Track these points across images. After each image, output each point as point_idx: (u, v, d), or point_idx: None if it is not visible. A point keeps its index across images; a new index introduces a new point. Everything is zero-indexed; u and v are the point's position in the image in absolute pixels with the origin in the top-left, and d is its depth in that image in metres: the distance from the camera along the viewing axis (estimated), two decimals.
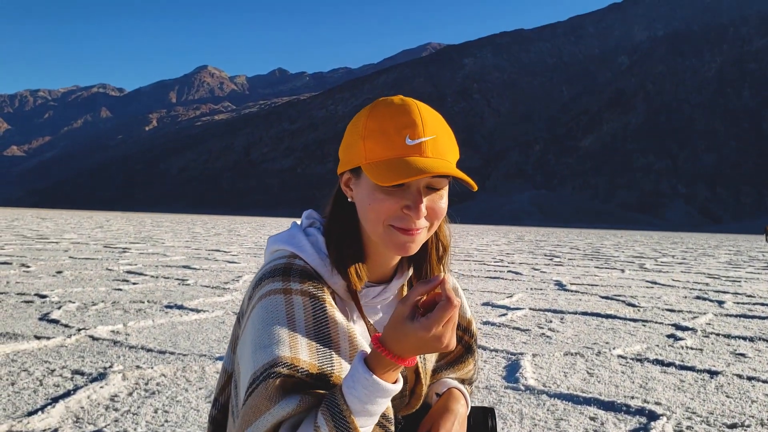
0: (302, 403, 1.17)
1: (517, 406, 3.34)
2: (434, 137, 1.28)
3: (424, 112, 1.30)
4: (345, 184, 1.37)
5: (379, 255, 1.40)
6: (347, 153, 1.34)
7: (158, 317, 5.58)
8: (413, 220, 1.28)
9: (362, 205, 1.32)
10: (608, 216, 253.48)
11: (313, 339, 1.24)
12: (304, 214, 1.49)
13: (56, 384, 3.45)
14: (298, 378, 1.19)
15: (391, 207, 1.27)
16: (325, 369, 1.22)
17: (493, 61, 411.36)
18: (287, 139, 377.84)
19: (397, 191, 1.27)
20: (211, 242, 19.09)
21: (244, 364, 1.25)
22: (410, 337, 1.15)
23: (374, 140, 1.27)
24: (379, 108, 1.31)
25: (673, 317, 6.68)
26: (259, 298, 1.29)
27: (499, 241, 30.34)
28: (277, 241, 1.43)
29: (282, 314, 1.25)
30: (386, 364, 1.17)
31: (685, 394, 3.66)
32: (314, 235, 1.39)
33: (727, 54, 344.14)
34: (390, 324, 1.19)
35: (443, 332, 1.15)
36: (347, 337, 1.29)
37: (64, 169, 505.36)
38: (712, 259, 19.43)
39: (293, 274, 1.30)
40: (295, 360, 1.19)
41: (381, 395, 1.18)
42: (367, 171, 1.26)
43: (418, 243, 1.32)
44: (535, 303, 7.50)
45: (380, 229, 1.30)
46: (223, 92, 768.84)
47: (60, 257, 11.53)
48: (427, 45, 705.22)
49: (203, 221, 55.58)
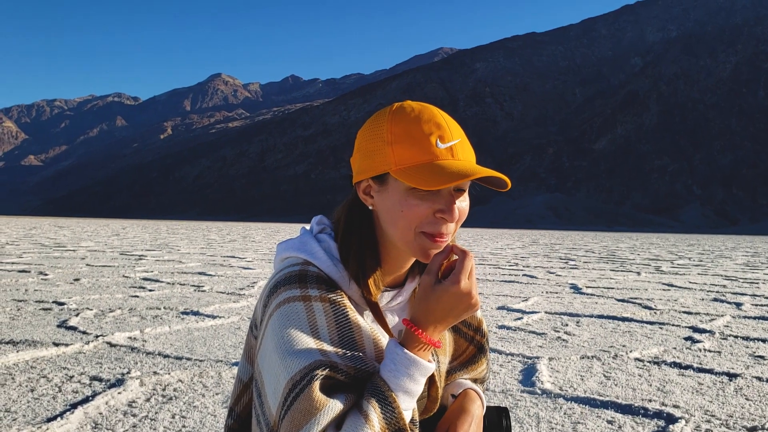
0: (348, 401, 1.19)
1: (533, 410, 3.33)
2: (460, 140, 1.31)
3: (445, 116, 1.32)
4: (364, 192, 1.35)
5: (395, 261, 1.39)
6: (368, 160, 1.32)
7: (175, 323, 5.61)
8: (446, 224, 1.29)
9: (390, 212, 1.31)
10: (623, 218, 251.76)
11: (339, 343, 1.24)
12: (314, 220, 1.47)
13: (75, 390, 3.49)
14: (338, 380, 1.20)
15: (425, 212, 1.27)
16: (361, 369, 1.23)
17: (505, 65, 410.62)
18: (301, 145, 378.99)
19: (429, 196, 1.27)
20: (226, 249, 19.17)
21: (271, 372, 1.23)
22: (442, 300, 1.24)
23: (403, 145, 1.27)
24: (401, 113, 1.31)
25: (691, 320, 6.63)
26: (276, 305, 1.27)
27: (514, 244, 30.23)
28: (288, 248, 1.41)
29: (304, 321, 1.24)
30: (418, 342, 1.24)
31: (704, 397, 3.63)
32: (326, 241, 1.38)
33: (741, 54, 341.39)
34: (419, 297, 1.27)
35: (470, 285, 1.25)
36: (371, 340, 1.29)
37: (81, 178, 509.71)
38: (729, 261, 19.25)
39: (309, 281, 1.29)
40: (332, 362, 1.20)
41: (420, 372, 1.24)
42: (401, 176, 1.25)
43: (441, 248, 1.33)
44: (550, 306, 7.47)
45: (411, 236, 1.29)
46: (237, 100, 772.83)
47: (77, 265, 11.63)
48: (439, 50, 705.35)
49: (218, 228, 55.84)
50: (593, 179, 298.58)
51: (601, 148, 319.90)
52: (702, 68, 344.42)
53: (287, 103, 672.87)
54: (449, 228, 1.31)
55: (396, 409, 1.19)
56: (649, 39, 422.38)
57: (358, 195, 1.37)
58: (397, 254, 1.38)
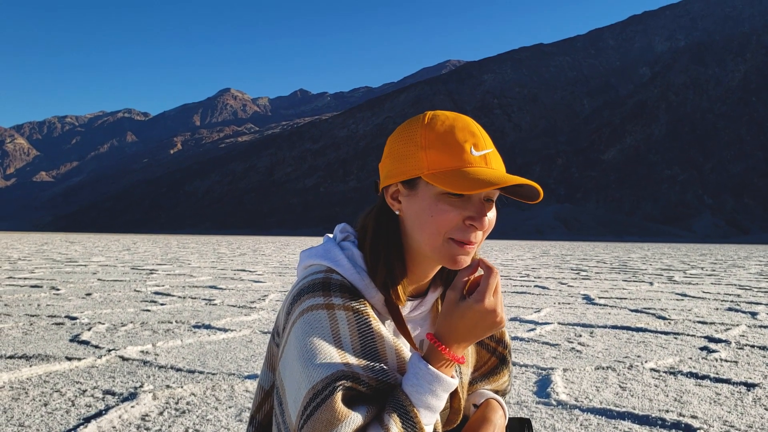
0: (369, 413, 1.18)
1: (549, 421, 3.29)
2: (492, 150, 1.31)
3: (479, 126, 1.33)
4: (392, 196, 1.34)
5: (420, 269, 1.38)
6: (399, 164, 1.31)
7: (186, 337, 5.60)
8: (475, 231, 1.28)
9: (419, 217, 1.29)
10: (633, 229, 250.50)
11: (361, 353, 1.23)
12: (337, 228, 1.46)
13: (88, 404, 3.48)
14: (360, 391, 1.19)
15: (455, 218, 1.27)
16: (383, 381, 1.23)
17: (512, 77, 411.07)
18: (310, 158, 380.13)
19: (459, 202, 1.27)
20: (237, 262, 19.19)
21: (292, 380, 1.22)
22: (466, 317, 1.23)
23: (438, 150, 1.27)
24: (436, 120, 1.31)
25: (706, 329, 6.57)
26: (300, 313, 1.26)
27: (524, 255, 30.12)
28: (311, 255, 1.40)
29: (327, 330, 1.23)
30: (442, 358, 1.24)
31: (722, 407, 3.58)
32: (349, 249, 1.36)
33: (750, 62, 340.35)
34: (443, 313, 1.26)
35: (495, 303, 1.24)
36: (394, 350, 1.28)
37: (92, 194, 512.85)
38: (742, 270, 19.10)
39: (333, 289, 1.28)
40: (355, 373, 1.19)
41: (443, 388, 1.23)
42: (434, 180, 1.24)
43: (470, 257, 1.32)
44: (563, 317, 7.41)
45: (439, 242, 1.28)
46: (246, 114, 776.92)
47: (89, 280, 11.67)
48: (447, 62, 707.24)
49: (228, 242, 55.97)
50: (603, 190, 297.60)
51: (610, 158, 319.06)
52: (711, 77, 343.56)
53: (296, 117, 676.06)
54: (478, 236, 1.30)
55: (417, 425, 1.18)
56: (657, 49, 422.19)
57: (385, 201, 1.36)
58: (422, 261, 1.36)
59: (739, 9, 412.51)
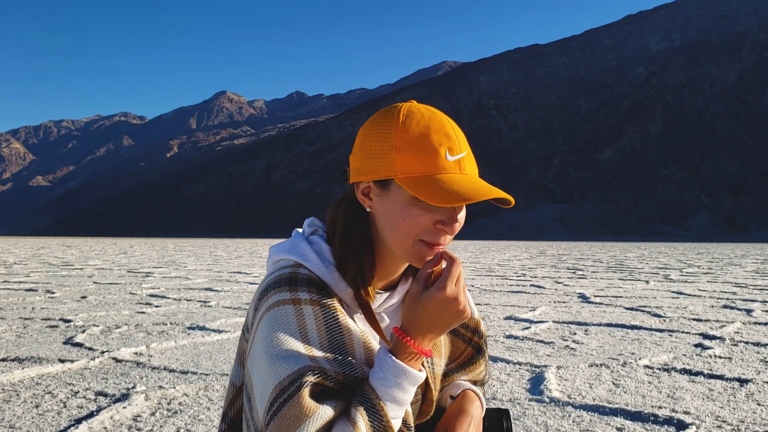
0: (337, 408, 1.18)
1: (542, 418, 3.29)
2: (467, 153, 1.29)
3: (453, 124, 1.30)
4: (363, 193, 1.33)
5: (389, 265, 1.38)
6: (371, 162, 1.29)
7: (181, 338, 5.60)
8: (445, 235, 1.28)
9: (390, 218, 1.28)
10: (631, 228, 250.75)
11: (328, 347, 1.23)
12: (306, 222, 1.46)
13: (80, 405, 3.47)
14: (327, 386, 1.19)
15: (426, 222, 1.26)
16: (350, 375, 1.23)
17: (508, 77, 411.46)
18: (306, 161, 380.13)
19: (432, 207, 1.25)
20: (233, 265, 19.17)
21: (259, 376, 1.22)
22: (429, 306, 1.22)
23: (412, 154, 1.24)
24: (411, 119, 1.28)
25: (700, 326, 6.57)
26: (266, 309, 1.26)
27: (521, 255, 30.13)
28: (279, 250, 1.39)
29: (293, 325, 1.22)
30: (408, 351, 1.23)
31: (715, 403, 3.58)
32: (317, 243, 1.36)
33: (745, 61, 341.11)
34: (407, 305, 1.26)
35: (457, 292, 1.23)
36: (362, 344, 1.28)
37: (88, 198, 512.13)
38: (738, 269, 19.12)
39: (300, 284, 1.27)
40: (321, 368, 1.19)
41: (410, 381, 1.22)
42: (408, 186, 1.23)
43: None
44: (558, 316, 7.42)
45: (409, 244, 1.28)
46: (242, 117, 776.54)
47: (84, 283, 11.65)
48: (443, 63, 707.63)
49: (225, 245, 55.90)
50: (600, 190, 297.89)
51: (606, 158, 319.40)
52: (707, 77, 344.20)
53: (292, 120, 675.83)
54: (447, 238, 1.30)
55: (384, 418, 1.18)
56: (652, 48, 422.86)
57: (356, 196, 1.35)
58: (392, 257, 1.36)
59: (734, 8, 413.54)
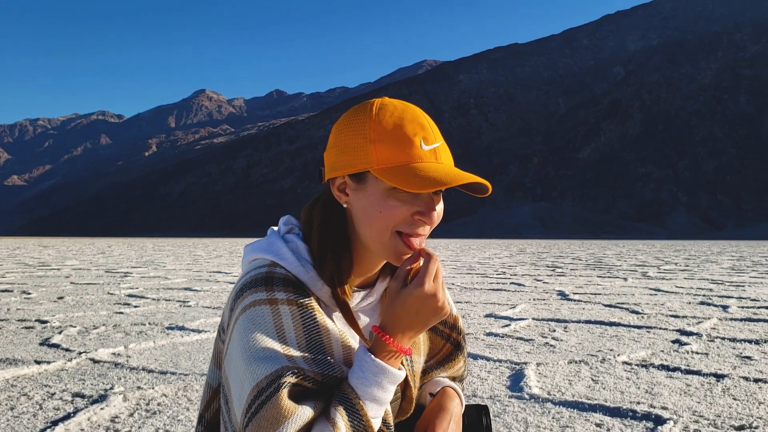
0: (316, 408, 1.17)
1: (521, 414, 3.30)
2: (442, 143, 1.28)
3: (427, 117, 1.30)
4: (339, 189, 1.31)
5: (367, 261, 1.36)
6: (346, 157, 1.28)
7: (159, 339, 5.55)
8: (423, 225, 1.27)
9: (367, 212, 1.27)
10: (609, 227, 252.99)
11: (306, 347, 1.21)
12: (281, 220, 1.44)
13: (56, 407, 3.43)
14: (305, 386, 1.18)
15: (404, 213, 1.25)
16: (328, 375, 1.21)
17: (488, 76, 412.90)
18: (286, 159, 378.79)
19: (409, 197, 1.25)
20: (213, 264, 19.06)
21: (236, 377, 1.20)
22: (408, 303, 1.20)
23: (387, 145, 1.23)
24: (385, 111, 1.27)
25: (678, 323, 6.64)
26: (242, 309, 1.23)
27: (501, 254, 30.27)
28: (255, 249, 1.37)
29: (270, 325, 1.20)
30: (388, 350, 1.22)
31: (692, 398, 3.62)
32: (294, 242, 1.34)
33: (721, 61, 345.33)
34: (386, 303, 1.25)
35: (436, 288, 1.21)
36: (340, 343, 1.26)
37: (65, 197, 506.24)
38: (715, 266, 19.37)
39: (276, 283, 1.25)
40: (299, 369, 1.17)
41: (389, 380, 1.21)
42: (383, 176, 1.22)
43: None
44: (538, 313, 7.46)
45: (387, 237, 1.26)
46: (222, 115, 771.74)
47: (61, 283, 11.51)
48: (423, 62, 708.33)
49: (204, 244, 55.56)
50: (579, 188, 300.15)
51: (585, 157, 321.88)
52: (683, 76, 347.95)
53: (272, 118, 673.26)
54: (426, 230, 1.28)
55: (363, 417, 1.17)
56: (630, 48, 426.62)
57: (332, 193, 1.34)
58: (369, 255, 1.34)
59: (709, 8, 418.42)
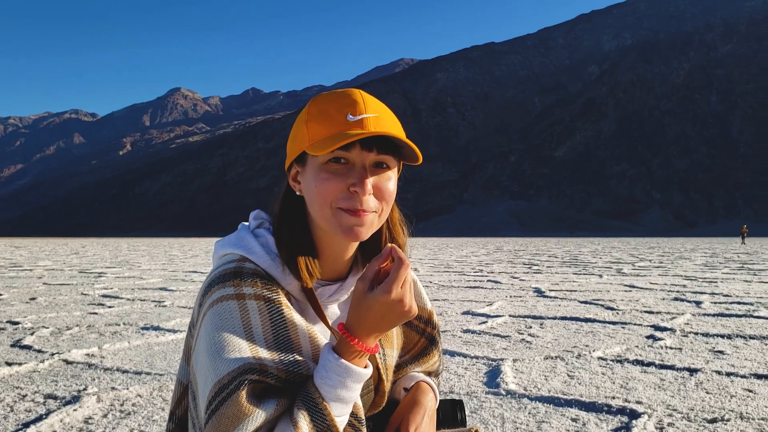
0: (279, 406, 1.16)
1: (498, 410, 3.31)
2: (377, 115, 1.26)
3: (366, 95, 1.29)
4: (293, 178, 1.33)
5: (332, 249, 1.35)
6: (292, 145, 1.31)
7: (134, 339, 5.48)
8: (360, 197, 1.24)
9: (309, 191, 1.28)
10: (585, 224, 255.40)
11: (273, 343, 1.20)
12: (251, 215, 1.43)
13: (28, 409, 3.37)
14: (268, 383, 1.16)
15: (338, 186, 1.24)
16: (293, 371, 1.20)
17: (465, 75, 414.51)
18: (263, 158, 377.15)
19: (342, 170, 1.24)
20: (189, 264, 18.90)
21: (201, 374, 1.19)
22: (373, 308, 1.17)
23: (317, 121, 1.25)
24: (320, 95, 1.30)
25: (652, 318, 6.72)
26: (210, 305, 1.22)
27: (478, 252, 30.41)
28: (225, 244, 1.36)
29: (237, 321, 1.19)
30: (353, 350, 1.19)
31: (666, 392, 3.66)
32: (263, 236, 1.34)
33: (693, 61, 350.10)
34: (352, 304, 1.21)
35: (403, 294, 1.18)
36: (308, 338, 1.25)
37: (38, 197, 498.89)
38: (688, 262, 19.64)
39: (244, 278, 1.24)
40: (263, 366, 1.16)
41: (354, 379, 1.19)
42: (310, 150, 1.23)
43: (368, 227, 1.27)
44: (514, 310, 7.50)
45: (328, 212, 1.25)
46: (197, 114, 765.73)
47: (34, 284, 11.34)
48: (400, 61, 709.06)
49: (180, 244, 55.11)
50: (554, 186, 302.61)
51: (561, 155, 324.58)
52: (657, 75, 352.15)
53: (248, 116, 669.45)
54: (368, 203, 1.25)
55: (327, 417, 1.16)
56: (605, 47, 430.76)
57: (289, 183, 1.36)
58: (330, 240, 1.33)
59: (682, 8, 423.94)
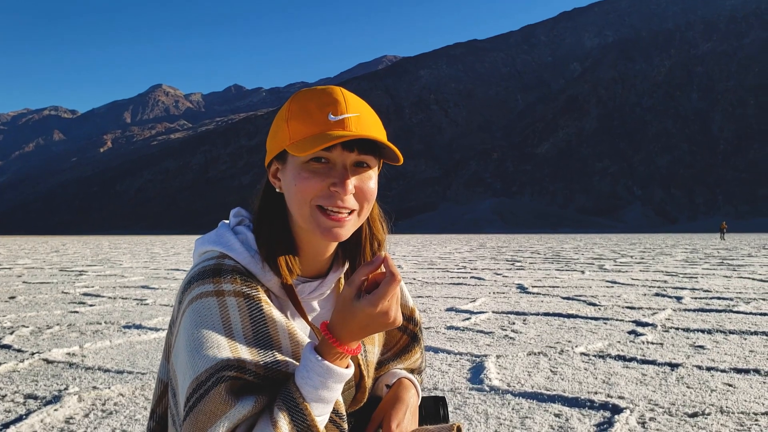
0: (257, 403, 1.16)
1: (482, 406, 3.32)
2: (358, 115, 1.26)
3: (347, 93, 1.29)
4: (273, 175, 1.33)
5: (312, 247, 1.35)
6: (273, 141, 1.31)
7: (116, 337, 5.44)
8: (340, 197, 1.24)
9: (288, 189, 1.28)
10: (567, 220, 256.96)
11: (253, 340, 1.20)
12: (231, 212, 1.43)
13: (7, 410, 3.33)
14: (247, 380, 1.16)
15: (318, 185, 1.24)
16: (272, 368, 1.20)
17: (448, 72, 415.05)
18: (245, 155, 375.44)
19: (323, 169, 1.25)
20: (171, 262, 18.78)
21: (181, 370, 1.19)
22: (358, 317, 1.17)
23: (297, 120, 1.25)
24: (301, 92, 1.30)
25: (634, 314, 6.77)
26: (189, 302, 1.22)
27: (462, 248, 30.50)
28: (205, 242, 1.36)
29: (216, 317, 1.19)
30: (334, 351, 1.19)
31: (647, 387, 3.69)
32: (243, 233, 1.34)
33: (675, 58, 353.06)
34: (337, 307, 1.20)
35: (389, 307, 1.17)
36: (287, 335, 1.25)
37: (17, 194, 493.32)
38: (669, 258, 19.82)
39: (224, 275, 1.24)
40: (241, 362, 1.16)
41: (335, 380, 1.19)
42: (291, 149, 1.23)
43: (348, 229, 1.28)
44: (498, 306, 7.53)
45: (307, 211, 1.26)
46: (179, 110, 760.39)
47: (13, 283, 11.21)
48: (383, 58, 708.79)
49: (162, 242, 54.76)
50: (537, 183, 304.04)
51: (543, 152, 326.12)
52: (638, 72, 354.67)
53: (230, 113, 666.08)
54: (348, 202, 1.26)
55: (308, 417, 1.15)
56: (587, 45, 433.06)
57: (269, 180, 1.36)
58: (310, 238, 1.33)
59: (663, 6, 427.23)
